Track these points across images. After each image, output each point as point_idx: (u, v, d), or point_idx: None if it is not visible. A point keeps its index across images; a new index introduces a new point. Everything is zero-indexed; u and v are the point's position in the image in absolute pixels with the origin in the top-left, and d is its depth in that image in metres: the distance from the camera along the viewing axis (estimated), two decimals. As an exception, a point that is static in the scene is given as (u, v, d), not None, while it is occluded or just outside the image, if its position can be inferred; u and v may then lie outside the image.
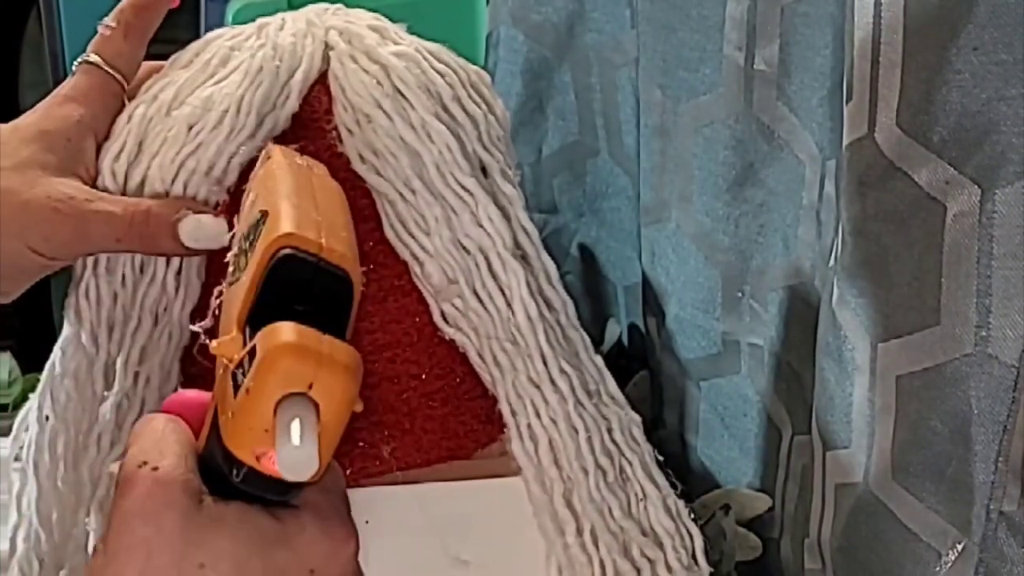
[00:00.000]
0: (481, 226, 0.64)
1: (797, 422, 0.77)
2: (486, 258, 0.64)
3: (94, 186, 0.65)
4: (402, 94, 0.64)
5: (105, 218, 0.62)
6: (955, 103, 0.56)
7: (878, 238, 0.61)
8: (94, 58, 0.66)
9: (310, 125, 0.65)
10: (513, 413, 0.65)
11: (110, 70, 0.66)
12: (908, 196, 0.59)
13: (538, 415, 0.64)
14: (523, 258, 0.65)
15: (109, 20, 0.67)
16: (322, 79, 0.65)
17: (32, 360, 1.02)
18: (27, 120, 0.65)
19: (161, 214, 0.63)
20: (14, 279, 0.64)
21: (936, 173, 0.58)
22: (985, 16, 0.55)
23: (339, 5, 0.69)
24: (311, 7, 0.69)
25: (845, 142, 0.61)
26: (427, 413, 0.66)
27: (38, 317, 1.36)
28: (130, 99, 0.67)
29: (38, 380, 0.69)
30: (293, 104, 0.64)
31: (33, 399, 0.69)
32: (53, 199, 0.62)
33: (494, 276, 0.64)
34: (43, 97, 0.66)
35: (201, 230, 0.62)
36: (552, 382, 0.64)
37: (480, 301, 0.64)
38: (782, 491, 0.80)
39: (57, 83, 0.67)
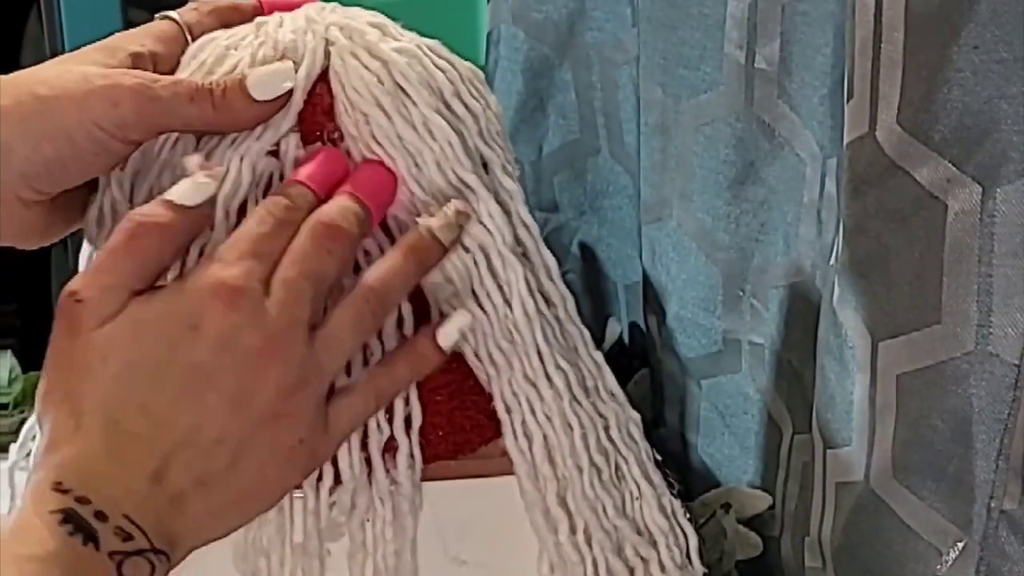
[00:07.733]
0: (482, 223, 0.63)
1: (798, 420, 0.77)
2: (486, 256, 0.63)
3: None
4: (403, 90, 0.64)
5: (173, 81, 0.62)
6: (956, 101, 0.56)
7: (879, 236, 0.61)
8: (173, 14, 0.67)
9: (311, 123, 0.65)
10: (508, 410, 0.64)
11: (183, 26, 0.66)
12: (909, 194, 0.59)
13: (533, 412, 0.64)
14: (523, 254, 0.64)
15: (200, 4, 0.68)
16: (323, 75, 0.65)
17: (33, 359, 1.02)
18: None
19: (229, 77, 0.63)
20: (79, 167, 0.61)
21: (937, 171, 0.58)
22: (986, 14, 0.55)
23: (336, 4, 0.69)
24: (309, 5, 0.68)
25: (846, 140, 0.61)
26: (434, 408, 0.66)
27: (38, 316, 1.36)
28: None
29: (38, 379, 0.69)
30: (298, 102, 0.64)
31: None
32: (117, 73, 0.61)
33: (493, 274, 0.64)
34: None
35: (270, 77, 0.62)
36: (548, 379, 0.64)
37: (477, 301, 0.64)
38: (783, 489, 0.80)
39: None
